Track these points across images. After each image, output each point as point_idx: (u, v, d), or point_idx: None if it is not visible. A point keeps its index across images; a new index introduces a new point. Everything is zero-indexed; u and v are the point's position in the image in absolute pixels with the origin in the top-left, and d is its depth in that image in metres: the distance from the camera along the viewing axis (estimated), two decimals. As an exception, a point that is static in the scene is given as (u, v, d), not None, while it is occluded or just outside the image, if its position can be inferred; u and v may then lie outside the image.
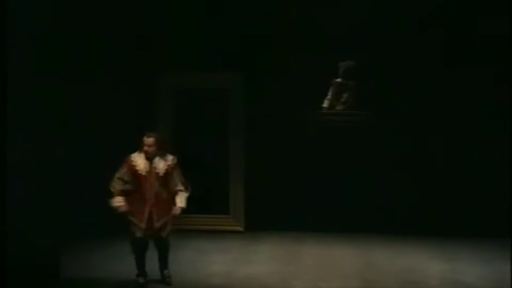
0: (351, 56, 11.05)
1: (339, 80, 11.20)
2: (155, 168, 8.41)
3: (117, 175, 8.47)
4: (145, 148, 8.40)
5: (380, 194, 11.08)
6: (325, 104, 11.24)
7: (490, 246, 10.32)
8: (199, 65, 11.09)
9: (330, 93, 11.25)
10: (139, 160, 8.45)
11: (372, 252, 10.26)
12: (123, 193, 8.43)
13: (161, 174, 8.43)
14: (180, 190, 8.51)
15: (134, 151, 11.48)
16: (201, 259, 9.87)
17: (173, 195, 8.52)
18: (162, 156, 8.48)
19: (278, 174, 11.24)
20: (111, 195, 8.43)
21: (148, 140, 8.39)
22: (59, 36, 10.57)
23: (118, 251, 9.76)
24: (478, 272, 9.34)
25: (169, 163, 8.49)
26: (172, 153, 8.60)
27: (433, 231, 10.84)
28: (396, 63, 10.98)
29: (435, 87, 11.03)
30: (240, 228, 11.34)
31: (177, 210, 8.49)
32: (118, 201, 8.39)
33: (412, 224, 10.91)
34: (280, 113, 11.21)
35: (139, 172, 8.40)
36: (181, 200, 8.49)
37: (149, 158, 8.42)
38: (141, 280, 8.65)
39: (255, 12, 11.11)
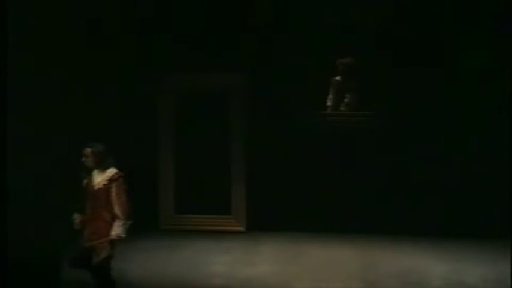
0: (352, 55, 11.04)
1: (338, 78, 11.17)
2: (92, 181, 7.55)
3: None
4: (83, 158, 7.59)
5: (381, 194, 11.06)
6: (329, 103, 11.21)
7: (492, 247, 10.28)
8: (200, 66, 11.08)
9: (330, 93, 11.23)
10: (84, 172, 7.66)
11: (374, 253, 10.24)
12: (81, 209, 7.64)
13: (96, 188, 7.49)
14: (117, 216, 7.46)
15: (138, 153, 11.53)
16: (203, 259, 9.85)
17: (114, 217, 7.52)
18: (103, 170, 7.56)
19: (280, 175, 11.22)
20: None
21: (85, 150, 7.57)
22: (58, 37, 10.55)
23: (120, 252, 9.74)
24: (480, 273, 9.31)
25: (107, 178, 7.51)
26: (118, 169, 7.63)
27: (435, 232, 10.81)
28: (399, 63, 10.97)
29: (436, 88, 11.01)
30: (242, 229, 11.32)
31: (111, 236, 7.45)
32: (73, 218, 7.65)
33: (413, 225, 10.88)
34: (282, 114, 11.19)
35: (83, 185, 7.63)
36: (115, 228, 7.41)
37: (89, 170, 7.57)
38: None
39: (257, 13, 11.09)
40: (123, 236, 7.48)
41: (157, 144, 11.40)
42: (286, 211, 11.18)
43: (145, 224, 11.08)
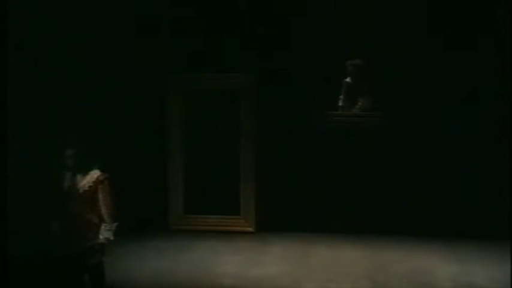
0: (362, 56, 11.05)
1: (347, 79, 11.19)
2: (76, 184, 7.35)
3: None
4: (65, 160, 7.39)
5: (390, 195, 11.05)
6: (341, 103, 11.23)
7: (501, 247, 10.22)
8: (210, 66, 11.10)
9: (342, 93, 11.26)
10: (67, 175, 7.47)
11: (383, 253, 10.23)
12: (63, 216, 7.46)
13: (81, 191, 7.33)
14: (104, 218, 7.34)
15: (147, 153, 11.49)
16: (212, 260, 9.86)
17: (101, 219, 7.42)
18: (86, 172, 7.38)
19: (289, 175, 11.22)
20: None
21: (67, 152, 7.38)
22: (67, 36, 10.57)
23: (126, 251, 9.79)
24: (490, 274, 9.31)
25: (93, 180, 7.33)
26: (102, 171, 7.46)
27: (444, 233, 10.79)
28: (407, 64, 10.97)
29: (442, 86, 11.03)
30: (251, 229, 11.32)
31: (100, 240, 7.35)
32: (54, 225, 7.52)
33: (422, 225, 10.88)
34: (291, 114, 11.19)
35: (65, 188, 7.43)
36: (103, 232, 7.31)
37: (73, 173, 7.39)
38: None
39: (267, 13, 11.10)
40: (112, 239, 7.36)
41: (166, 144, 11.42)
42: (295, 211, 11.18)
43: (155, 224, 11.15)
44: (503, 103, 10.65)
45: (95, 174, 7.36)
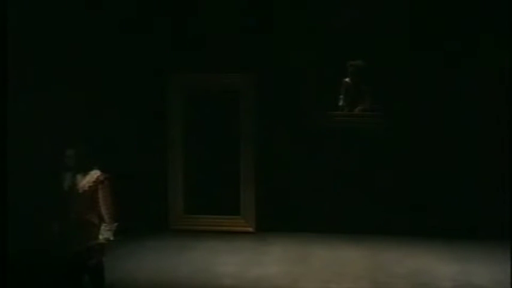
0: (362, 55, 11.05)
1: (347, 79, 11.19)
2: (76, 184, 7.32)
3: None
4: (65, 160, 7.36)
5: (389, 195, 11.06)
6: (341, 103, 11.25)
7: (500, 247, 10.24)
8: (209, 66, 11.10)
9: (341, 93, 11.28)
10: (67, 175, 7.44)
11: (382, 254, 10.24)
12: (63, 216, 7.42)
13: (81, 191, 7.29)
14: (104, 218, 7.31)
15: (147, 153, 11.48)
16: (212, 260, 9.87)
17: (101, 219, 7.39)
18: (86, 172, 7.35)
19: (289, 175, 11.23)
20: None
21: (68, 152, 7.36)
22: (66, 36, 10.57)
23: (126, 251, 9.80)
24: (489, 273, 9.29)
25: (93, 180, 7.30)
26: (103, 171, 7.41)
27: (444, 233, 10.80)
28: (406, 64, 10.97)
29: (440, 88, 11.03)
30: (251, 229, 11.34)
31: (100, 241, 7.30)
32: (53, 226, 7.48)
33: (423, 225, 10.89)
34: (291, 114, 11.20)
35: (66, 188, 7.40)
36: (103, 232, 7.28)
37: (73, 173, 7.35)
38: None
39: (266, 13, 11.11)
40: (112, 239, 7.34)
41: (166, 144, 11.43)
42: (295, 212, 11.19)
43: (155, 224, 11.16)
44: (503, 103, 10.68)
45: (95, 174, 7.33)
